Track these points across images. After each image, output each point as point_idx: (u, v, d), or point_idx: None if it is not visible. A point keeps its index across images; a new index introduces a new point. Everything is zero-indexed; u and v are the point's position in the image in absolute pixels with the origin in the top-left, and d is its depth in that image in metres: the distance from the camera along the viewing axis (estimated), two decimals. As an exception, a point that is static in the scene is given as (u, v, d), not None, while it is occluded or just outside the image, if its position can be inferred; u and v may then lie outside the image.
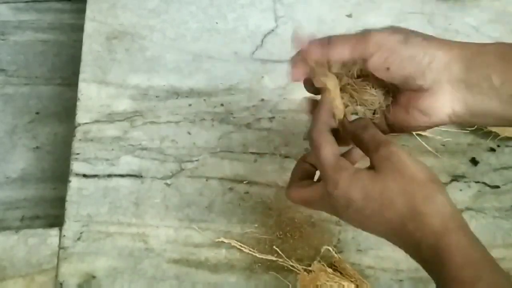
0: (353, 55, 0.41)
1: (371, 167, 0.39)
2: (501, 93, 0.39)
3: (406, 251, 0.38)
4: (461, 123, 0.43)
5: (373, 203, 0.38)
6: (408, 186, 0.37)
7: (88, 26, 0.69)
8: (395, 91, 0.43)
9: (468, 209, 0.57)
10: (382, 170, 0.38)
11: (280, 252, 0.52)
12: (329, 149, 0.40)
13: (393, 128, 0.44)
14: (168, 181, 0.58)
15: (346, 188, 0.38)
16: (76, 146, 0.59)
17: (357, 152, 0.43)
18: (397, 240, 0.38)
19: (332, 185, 0.39)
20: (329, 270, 0.48)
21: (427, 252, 0.36)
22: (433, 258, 0.36)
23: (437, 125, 0.42)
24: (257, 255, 0.53)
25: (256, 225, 0.55)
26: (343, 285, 0.47)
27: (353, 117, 0.44)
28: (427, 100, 0.41)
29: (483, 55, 0.39)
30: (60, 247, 0.53)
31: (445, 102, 0.41)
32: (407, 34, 0.40)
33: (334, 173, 0.39)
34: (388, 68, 0.40)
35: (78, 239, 0.54)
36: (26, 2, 0.88)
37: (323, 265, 0.48)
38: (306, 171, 0.45)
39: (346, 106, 0.44)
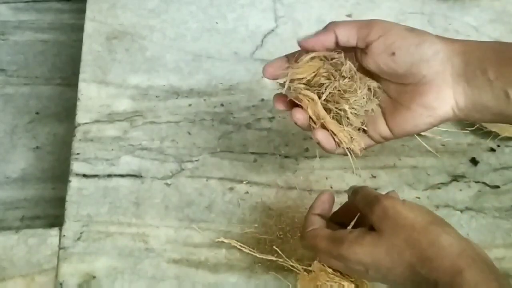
0: (358, 36, 0.41)
1: (372, 228, 0.40)
2: (495, 86, 0.39)
3: None
4: (464, 119, 0.42)
5: (384, 263, 0.39)
6: (411, 237, 0.38)
7: (88, 26, 0.69)
8: (388, 91, 0.43)
9: (468, 209, 0.57)
10: (382, 229, 0.39)
11: (280, 252, 0.52)
12: (322, 230, 0.43)
13: (395, 132, 0.44)
14: (168, 181, 0.58)
15: (353, 254, 0.40)
16: (76, 146, 0.59)
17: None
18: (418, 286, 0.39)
19: (339, 254, 0.41)
20: (329, 270, 0.47)
21: None
22: None
23: (441, 121, 0.42)
24: (257, 255, 0.53)
25: (256, 225, 0.55)
26: (343, 285, 0.47)
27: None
28: (431, 93, 0.41)
29: (481, 50, 0.40)
30: (60, 247, 0.53)
31: (448, 93, 0.41)
32: (412, 27, 0.41)
33: (333, 247, 0.41)
34: (393, 53, 0.40)
35: (78, 239, 0.53)
36: (26, 2, 0.88)
37: (323, 265, 0.48)
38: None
39: (330, 112, 0.43)
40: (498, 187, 0.59)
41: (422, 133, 0.62)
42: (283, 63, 0.44)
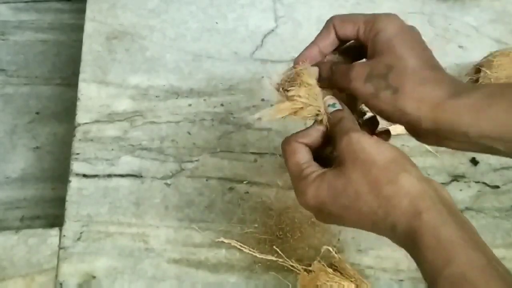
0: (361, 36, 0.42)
1: (337, 162, 0.39)
2: (479, 144, 0.38)
3: (387, 237, 0.37)
4: None
5: (342, 200, 0.37)
6: (370, 173, 0.36)
7: (88, 26, 0.69)
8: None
9: (468, 209, 0.57)
10: (344, 162, 0.38)
11: (280, 252, 0.52)
12: (292, 160, 0.41)
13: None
14: (168, 181, 0.58)
15: (313, 194, 0.39)
16: (76, 146, 0.59)
17: None
18: (375, 229, 0.38)
19: (301, 195, 0.40)
20: (329, 270, 0.48)
21: (402, 235, 0.35)
22: (408, 241, 0.35)
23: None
24: (257, 255, 0.53)
25: (256, 225, 0.55)
26: (343, 285, 0.47)
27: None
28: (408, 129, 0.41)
29: (458, 115, 0.37)
30: (60, 247, 0.53)
31: (424, 137, 0.41)
32: (378, 86, 0.39)
33: (299, 183, 0.40)
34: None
35: (78, 239, 0.54)
36: (26, 2, 0.88)
37: (323, 265, 0.48)
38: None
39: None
40: (498, 187, 0.59)
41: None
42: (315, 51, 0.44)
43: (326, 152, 0.43)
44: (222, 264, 0.53)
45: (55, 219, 0.64)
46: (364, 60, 0.43)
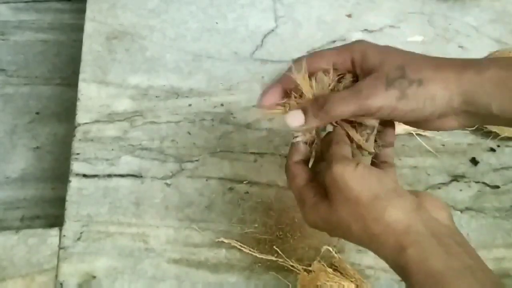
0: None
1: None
2: (501, 118, 0.38)
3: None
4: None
5: (337, 231, 0.39)
6: (356, 212, 0.37)
7: (88, 26, 0.69)
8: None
9: (468, 209, 0.58)
10: (332, 197, 0.38)
11: (280, 252, 0.52)
12: (293, 185, 0.42)
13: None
14: (168, 181, 0.58)
15: (312, 220, 0.40)
16: (76, 146, 0.59)
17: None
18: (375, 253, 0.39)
19: (304, 218, 0.41)
20: (329, 270, 0.48)
21: (395, 269, 0.36)
22: (400, 274, 0.36)
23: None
24: (257, 255, 0.53)
25: (256, 225, 0.55)
26: (343, 285, 0.47)
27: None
28: (435, 124, 0.41)
29: (480, 86, 0.38)
30: (60, 247, 0.53)
31: (452, 124, 0.40)
32: (402, 86, 0.38)
33: (301, 207, 0.41)
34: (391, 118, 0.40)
35: (78, 239, 0.54)
36: (26, 2, 0.88)
37: (323, 265, 0.48)
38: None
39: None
40: (498, 187, 0.59)
41: (422, 133, 0.62)
42: (278, 92, 0.43)
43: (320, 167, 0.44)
44: (222, 264, 0.53)
45: (55, 219, 0.64)
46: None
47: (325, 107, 0.40)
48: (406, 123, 0.42)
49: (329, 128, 0.44)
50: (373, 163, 0.43)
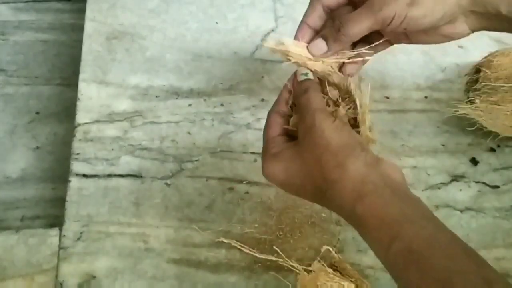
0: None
1: (297, 137, 0.40)
2: (510, 19, 0.40)
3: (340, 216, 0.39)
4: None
5: (295, 179, 0.39)
6: (322, 156, 0.38)
7: (88, 26, 0.69)
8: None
9: (468, 209, 0.57)
10: (303, 142, 0.39)
11: (280, 252, 0.52)
12: (265, 133, 0.43)
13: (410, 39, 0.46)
14: (168, 181, 0.58)
15: (270, 170, 0.41)
16: (76, 146, 0.59)
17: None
18: (326, 207, 0.40)
19: (262, 169, 0.42)
20: (329, 270, 0.48)
21: (349, 218, 0.37)
22: (355, 223, 0.36)
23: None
24: (257, 255, 0.53)
25: (256, 225, 0.55)
26: (343, 285, 0.47)
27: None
28: (446, 30, 0.43)
29: None
30: (60, 247, 0.53)
31: (462, 28, 0.43)
32: None
33: (263, 157, 0.42)
34: (405, 29, 0.42)
35: (78, 239, 0.53)
36: (26, 2, 0.88)
37: (323, 265, 0.48)
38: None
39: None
40: (498, 187, 0.59)
41: (422, 133, 0.62)
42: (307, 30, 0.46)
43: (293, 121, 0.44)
44: (222, 264, 0.53)
45: (55, 219, 0.64)
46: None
47: (342, 29, 0.42)
48: (417, 35, 0.44)
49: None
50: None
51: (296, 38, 0.46)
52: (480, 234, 0.56)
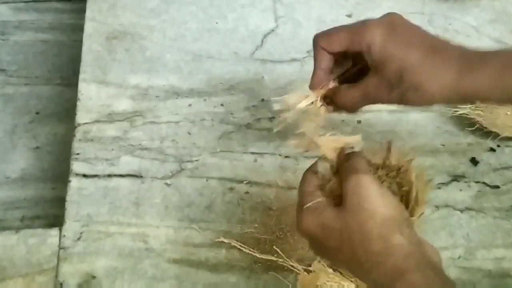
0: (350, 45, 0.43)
1: (340, 201, 0.39)
2: (499, 103, 0.40)
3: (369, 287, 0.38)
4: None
5: (332, 241, 0.38)
6: (367, 224, 0.37)
7: (88, 26, 0.69)
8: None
9: (468, 209, 0.57)
10: (346, 204, 0.38)
11: (280, 252, 0.52)
12: (300, 187, 0.42)
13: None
14: (168, 181, 0.58)
15: (307, 225, 0.39)
16: (76, 146, 0.59)
17: None
18: (358, 276, 0.39)
19: (297, 222, 0.41)
20: (329, 270, 0.47)
21: None
22: None
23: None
24: (257, 255, 0.53)
25: (256, 225, 0.55)
26: (343, 285, 0.47)
27: None
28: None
29: (479, 87, 0.40)
30: (60, 247, 0.53)
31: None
32: (401, 89, 0.41)
33: (299, 210, 0.41)
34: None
35: (78, 239, 0.53)
36: (26, 2, 0.88)
37: (323, 265, 0.48)
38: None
39: None
40: (498, 187, 0.59)
41: (423, 133, 0.62)
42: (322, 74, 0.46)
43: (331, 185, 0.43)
44: (222, 264, 0.53)
45: (55, 219, 0.64)
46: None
47: (335, 100, 0.45)
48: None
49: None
50: None
51: (312, 85, 0.46)
52: (480, 234, 0.56)
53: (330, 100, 0.46)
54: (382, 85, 0.42)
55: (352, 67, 0.46)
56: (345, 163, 0.42)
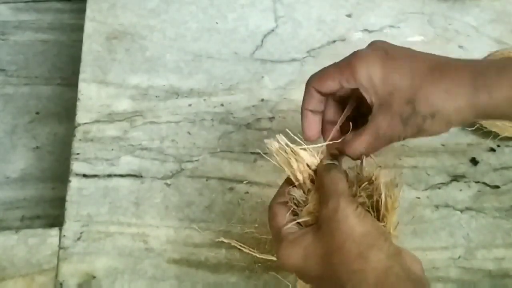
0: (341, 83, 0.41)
1: (318, 224, 0.39)
2: None
3: None
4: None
5: (314, 267, 0.38)
6: (345, 244, 0.36)
7: (88, 26, 0.69)
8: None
9: (468, 209, 0.57)
10: (324, 227, 0.38)
11: (280, 252, 0.52)
12: (272, 223, 0.41)
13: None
14: (168, 181, 0.58)
15: (286, 256, 0.39)
16: (76, 146, 0.59)
17: None
18: None
19: (278, 257, 0.40)
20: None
21: None
22: None
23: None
24: (257, 255, 0.53)
25: (256, 225, 0.55)
26: (343, 285, 0.47)
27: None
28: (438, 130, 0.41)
29: (495, 108, 0.38)
30: (60, 247, 0.53)
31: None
32: (417, 121, 0.39)
33: (277, 245, 0.40)
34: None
35: (78, 239, 0.54)
36: (26, 2, 0.88)
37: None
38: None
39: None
40: (498, 187, 0.59)
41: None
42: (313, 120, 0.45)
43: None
44: (222, 264, 0.53)
45: (55, 219, 0.64)
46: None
47: (347, 151, 0.42)
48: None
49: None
50: None
51: (304, 129, 0.44)
52: (480, 234, 0.56)
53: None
54: (395, 121, 0.39)
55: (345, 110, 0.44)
56: (324, 178, 0.40)
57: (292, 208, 0.42)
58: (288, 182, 0.44)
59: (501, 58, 0.41)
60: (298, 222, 0.41)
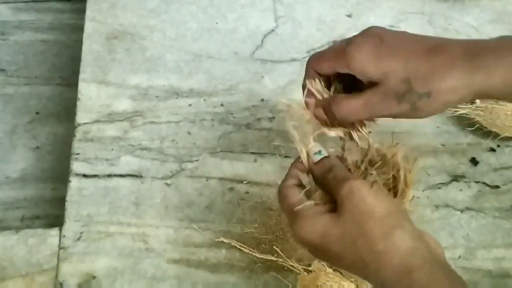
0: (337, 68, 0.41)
1: (334, 209, 0.39)
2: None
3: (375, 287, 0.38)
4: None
5: (333, 246, 0.38)
6: (367, 225, 0.36)
7: (88, 26, 0.69)
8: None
9: (468, 209, 0.57)
10: (343, 211, 0.38)
11: (280, 252, 0.52)
12: (284, 205, 0.41)
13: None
14: (168, 181, 0.58)
15: (302, 231, 0.39)
16: (76, 146, 0.59)
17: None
18: (365, 278, 0.38)
19: (295, 231, 0.39)
20: (329, 270, 0.48)
21: None
22: None
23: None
24: (257, 255, 0.53)
25: (256, 225, 0.55)
26: (343, 285, 0.47)
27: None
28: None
29: (492, 88, 0.38)
30: (60, 247, 0.53)
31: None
32: (412, 99, 0.39)
33: (293, 221, 0.40)
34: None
35: (78, 239, 0.54)
36: (26, 2, 0.88)
37: (323, 265, 0.48)
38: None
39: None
40: (498, 187, 0.59)
41: (423, 133, 0.62)
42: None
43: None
44: (222, 264, 0.53)
45: (55, 219, 0.64)
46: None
47: (333, 108, 0.41)
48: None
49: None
50: None
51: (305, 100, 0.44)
52: (480, 234, 0.56)
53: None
54: (389, 97, 0.39)
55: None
56: (327, 175, 0.41)
57: (304, 190, 0.42)
58: (297, 166, 0.44)
59: (498, 37, 0.40)
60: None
